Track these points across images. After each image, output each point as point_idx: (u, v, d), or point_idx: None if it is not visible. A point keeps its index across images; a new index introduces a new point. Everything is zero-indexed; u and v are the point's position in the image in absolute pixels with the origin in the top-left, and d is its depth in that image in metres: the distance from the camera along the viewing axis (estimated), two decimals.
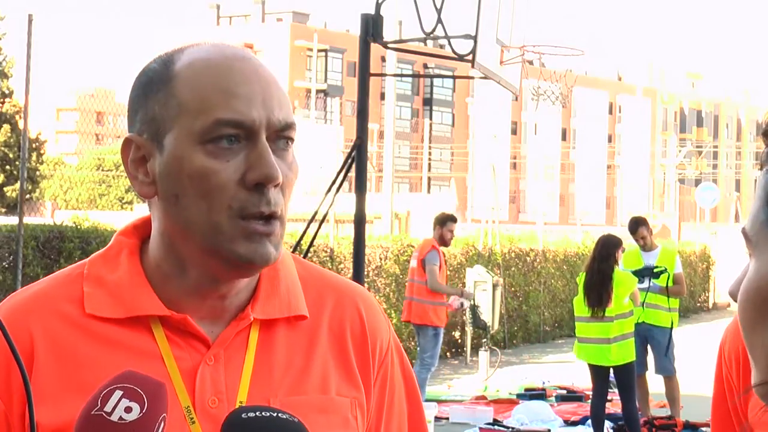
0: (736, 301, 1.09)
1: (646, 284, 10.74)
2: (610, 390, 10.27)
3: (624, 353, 9.38)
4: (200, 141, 1.53)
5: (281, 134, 1.57)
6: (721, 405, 1.86)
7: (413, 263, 11.83)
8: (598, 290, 9.32)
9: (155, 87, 1.58)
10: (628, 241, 10.86)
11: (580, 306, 9.50)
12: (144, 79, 1.60)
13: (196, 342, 1.59)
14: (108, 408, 1.30)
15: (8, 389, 1.55)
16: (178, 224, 1.56)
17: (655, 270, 10.77)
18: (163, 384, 1.34)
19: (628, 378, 9.50)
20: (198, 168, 1.53)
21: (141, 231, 1.66)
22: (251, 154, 1.54)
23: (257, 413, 1.36)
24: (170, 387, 1.55)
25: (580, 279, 9.64)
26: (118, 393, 1.31)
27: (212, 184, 1.53)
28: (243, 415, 1.36)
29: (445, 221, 11.85)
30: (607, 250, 9.39)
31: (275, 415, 1.36)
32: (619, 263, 9.50)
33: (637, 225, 11.19)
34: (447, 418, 11.64)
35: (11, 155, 40.83)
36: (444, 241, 11.80)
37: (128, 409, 1.30)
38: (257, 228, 1.54)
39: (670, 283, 11.01)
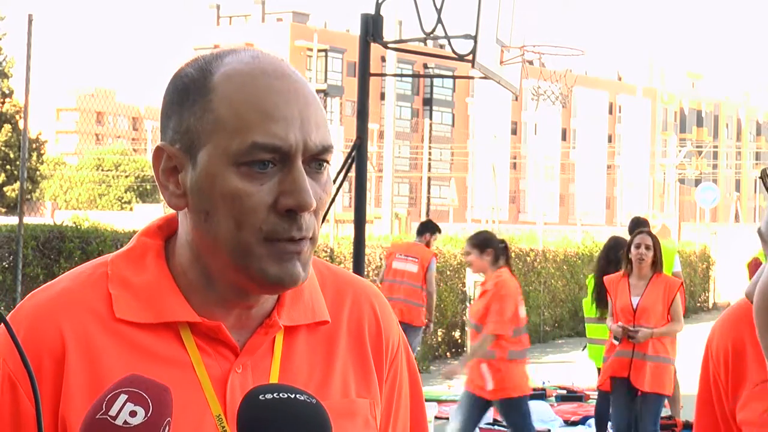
0: (752, 301, 1.09)
1: None
2: None
3: None
4: (235, 162, 1.51)
5: (317, 157, 1.55)
6: (707, 403, 1.84)
7: (412, 267, 12.39)
8: (603, 290, 9.33)
9: (191, 97, 1.55)
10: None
11: (588, 307, 9.56)
12: (180, 86, 1.57)
13: (224, 349, 1.58)
14: (113, 412, 1.30)
15: (26, 391, 1.53)
16: (208, 239, 1.54)
17: None
18: (168, 388, 1.34)
19: None
20: (231, 189, 1.51)
21: (164, 232, 1.64)
22: (286, 180, 1.52)
23: (275, 394, 1.35)
24: (201, 395, 1.54)
25: (590, 281, 9.67)
26: (123, 397, 1.30)
27: (244, 207, 1.51)
28: (260, 397, 1.35)
29: (435, 230, 12.97)
30: (616, 252, 9.44)
31: (293, 396, 1.35)
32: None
33: (637, 226, 11.17)
34: (447, 418, 11.63)
35: (11, 155, 40.84)
36: (429, 247, 12.87)
37: (133, 414, 1.30)
38: (286, 247, 1.52)
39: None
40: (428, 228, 12.88)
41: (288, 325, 1.62)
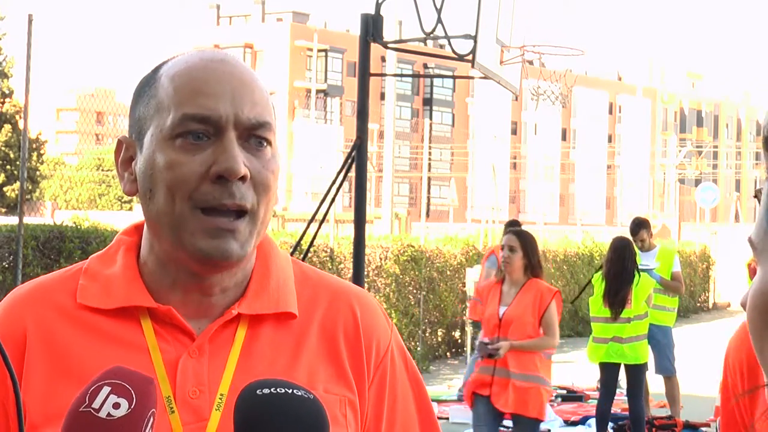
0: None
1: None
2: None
3: (636, 353, 9.40)
4: (170, 136, 1.58)
5: (254, 133, 1.60)
6: (730, 418, 1.85)
7: None
8: (620, 291, 9.26)
9: (143, 91, 1.65)
10: None
11: (597, 307, 9.47)
12: (138, 86, 1.68)
13: (181, 335, 1.61)
14: (96, 404, 1.29)
15: (3, 380, 1.56)
16: (152, 219, 1.61)
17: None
18: (152, 379, 1.34)
19: (639, 377, 9.53)
20: (166, 162, 1.58)
21: (141, 230, 1.70)
22: (217, 149, 1.57)
23: (272, 389, 1.34)
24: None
25: (597, 280, 9.59)
26: (106, 389, 1.30)
27: (176, 176, 1.57)
28: (258, 392, 1.34)
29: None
30: (631, 251, 9.39)
31: (290, 391, 1.34)
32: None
33: (638, 227, 11.21)
34: (447, 418, 11.65)
35: (11, 155, 40.83)
36: None
37: (116, 405, 1.29)
38: (219, 223, 1.57)
39: (667, 276, 11.05)
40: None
41: (252, 316, 1.64)
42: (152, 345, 1.60)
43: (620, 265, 9.29)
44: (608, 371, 9.60)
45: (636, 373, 9.51)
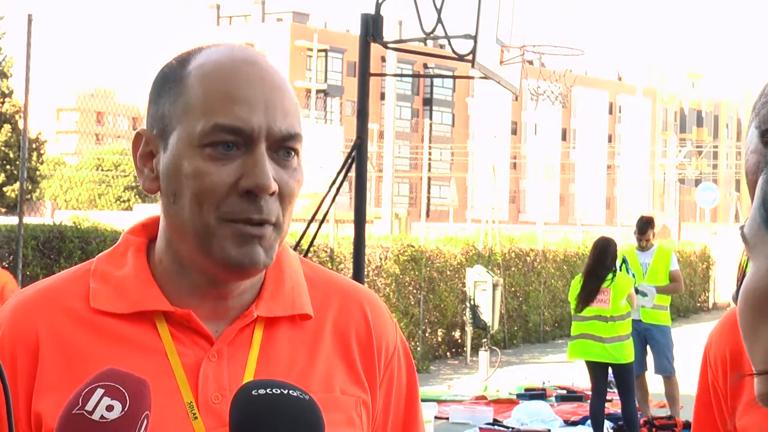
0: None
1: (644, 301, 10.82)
2: (609, 390, 10.28)
3: (620, 354, 9.41)
4: (200, 143, 1.55)
5: (283, 144, 1.57)
6: (706, 409, 1.84)
7: None
8: (591, 288, 9.39)
9: (168, 85, 1.60)
10: (629, 240, 10.88)
11: (573, 305, 9.58)
12: (161, 76, 1.63)
13: (199, 339, 1.60)
14: (89, 407, 1.28)
15: (14, 384, 1.56)
16: (176, 223, 1.58)
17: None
18: (146, 381, 1.33)
19: (627, 378, 9.53)
20: (194, 169, 1.55)
21: (149, 230, 1.68)
22: (247, 161, 1.55)
23: (267, 390, 1.34)
24: (173, 383, 1.57)
25: (576, 280, 9.69)
26: (100, 391, 1.29)
27: (205, 185, 1.54)
28: (253, 392, 1.34)
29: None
30: (611, 251, 9.46)
31: (285, 392, 1.35)
32: (617, 265, 9.54)
33: (647, 225, 11.24)
34: (447, 418, 11.65)
35: (11, 155, 40.83)
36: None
37: (110, 408, 1.28)
38: (247, 230, 1.55)
39: (666, 281, 11.07)
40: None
41: (268, 317, 1.63)
42: (170, 349, 1.58)
43: (596, 264, 9.44)
44: (594, 371, 9.62)
45: (622, 373, 9.52)
